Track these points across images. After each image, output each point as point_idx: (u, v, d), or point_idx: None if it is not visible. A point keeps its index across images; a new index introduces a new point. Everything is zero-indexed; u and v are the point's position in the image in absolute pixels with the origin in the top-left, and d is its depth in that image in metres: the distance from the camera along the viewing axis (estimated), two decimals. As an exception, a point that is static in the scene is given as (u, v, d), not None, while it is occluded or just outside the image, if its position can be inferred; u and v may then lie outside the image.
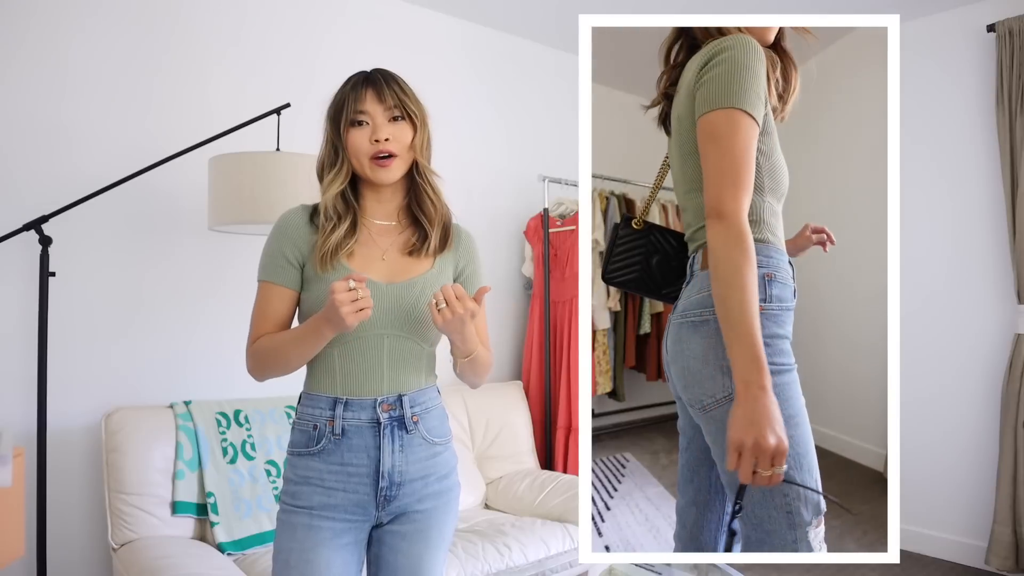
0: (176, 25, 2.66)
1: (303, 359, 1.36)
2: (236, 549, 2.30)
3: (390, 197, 1.44)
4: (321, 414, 1.37)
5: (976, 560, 3.23)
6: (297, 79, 2.91)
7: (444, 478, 1.45)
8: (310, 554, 1.34)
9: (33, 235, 2.22)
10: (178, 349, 2.64)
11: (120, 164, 2.48)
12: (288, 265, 1.39)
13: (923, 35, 3.43)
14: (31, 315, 2.32)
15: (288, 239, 1.40)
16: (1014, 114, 3.07)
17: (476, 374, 1.47)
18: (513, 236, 3.65)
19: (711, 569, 2.38)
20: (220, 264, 2.73)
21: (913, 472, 3.39)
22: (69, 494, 2.42)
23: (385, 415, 1.37)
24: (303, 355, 1.35)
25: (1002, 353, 3.20)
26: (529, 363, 3.50)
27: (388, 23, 3.21)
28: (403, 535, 1.41)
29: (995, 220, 3.24)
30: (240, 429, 2.48)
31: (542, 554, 2.51)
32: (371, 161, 1.37)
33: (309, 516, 1.36)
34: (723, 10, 3.26)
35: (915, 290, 3.43)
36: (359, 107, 1.37)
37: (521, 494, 2.93)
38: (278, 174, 2.20)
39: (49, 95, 2.42)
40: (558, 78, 3.83)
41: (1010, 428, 3.05)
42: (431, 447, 1.42)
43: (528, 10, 3.38)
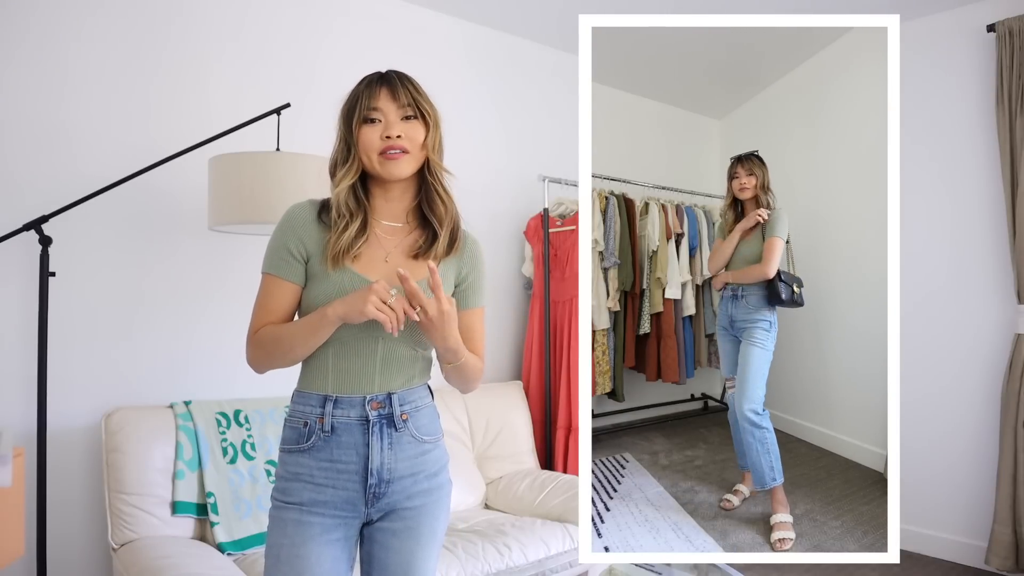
0: (176, 25, 2.66)
1: (307, 348, 1.36)
2: (236, 549, 2.30)
3: (399, 196, 1.43)
4: (311, 411, 1.38)
5: (976, 560, 3.23)
6: (297, 79, 2.91)
7: (434, 476, 1.45)
8: (300, 549, 1.35)
9: (33, 235, 2.22)
10: (178, 349, 2.64)
11: (120, 164, 2.48)
12: (292, 259, 1.39)
13: (923, 35, 3.43)
14: (31, 315, 2.32)
15: (293, 233, 1.40)
16: (1014, 114, 3.07)
17: (463, 380, 1.47)
18: (513, 236, 3.65)
19: (711, 569, 2.38)
20: (220, 264, 2.73)
21: (913, 472, 3.39)
22: (69, 494, 2.42)
23: (374, 412, 1.38)
24: (307, 343, 1.35)
25: (1002, 353, 3.20)
26: (529, 363, 3.50)
27: (388, 23, 3.21)
28: (393, 532, 1.42)
29: (995, 220, 3.24)
30: (240, 429, 2.48)
31: (542, 554, 2.51)
32: (380, 156, 1.36)
33: (299, 512, 1.37)
34: (723, 10, 3.26)
35: (915, 290, 3.43)
36: (372, 104, 1.37)
37: (521, 494, 2.93)
38: (278, 174, 2.20)
39: (49, 95, 2.42)
40: (558, 78, 3.83)
41: (1010, 428, 3.05)
42: (420, 445, 1.43)
43: (528, 10, 3.38)
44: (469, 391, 1.54)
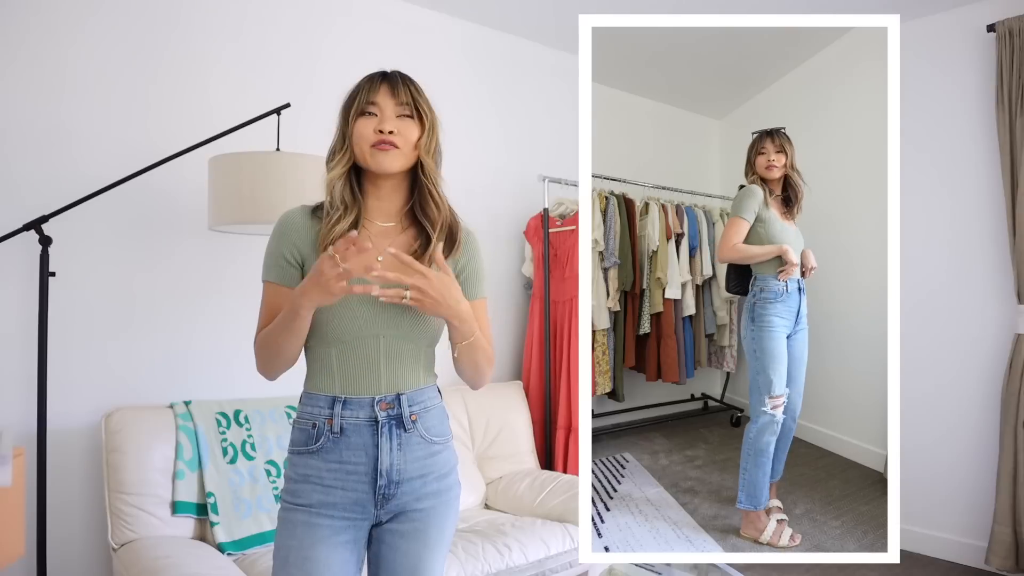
0: (176, 25, 2.66)
1: (291, 343, 1.34)
2: (236, 549, 2.30)
3: (388, 196, 1.43)
4: (320, 413, 1.38)
5: (976, 560, 3.23)
6: (297, 79, 2.91)
7: (443, 477, 1.45)
8: (309, 551, 1.35)
9: (33, 235, 2.22)
10: (178, 349, 2.64)
11: (120, 164, 2.48)
12: (287, 265, 1.40)
13: (923, 35, 3.43)
14: (31, 315, 2.32)
15: (286, 239, 1.40)
16: (1014, 114, 3.07)
17: (475, 365, 1.43)
18: (513, 236, 3.65)
19: (711, 569, 2.37)
20: (220, 264, 2.73)
21: (913, 472, 3.39)
22: (69, 494, 2.42)
23: (383, 413, 1.37)
24: (289, 339, 1.33)
25: (1002, 353, 3.20)
26: (529, 363, 3.50)
27: (388, 23, 3.21)
28: (402, 534, 1.42)
29: (995, 220, 3.24)
30: (240, 429, 2.48)
31: (542, 554, 2.51)
32: (372, 148, 1.37)
33: (308, 514, 1.37)
34: (723, 10, 3.26)
35: (915, 290, 3.43)
36: (371, 98, 1.38)
37: (521, 494, 2.93)
38: (278, 174, 2.20)
39: (49, 95, 2.42)
40: (557, 78, 3.83)
41: (1010, 428, 3.05)
42: (430, 446, 1.42)
43: (527, 10, 3.38)
44: (481, 383, 1.49)
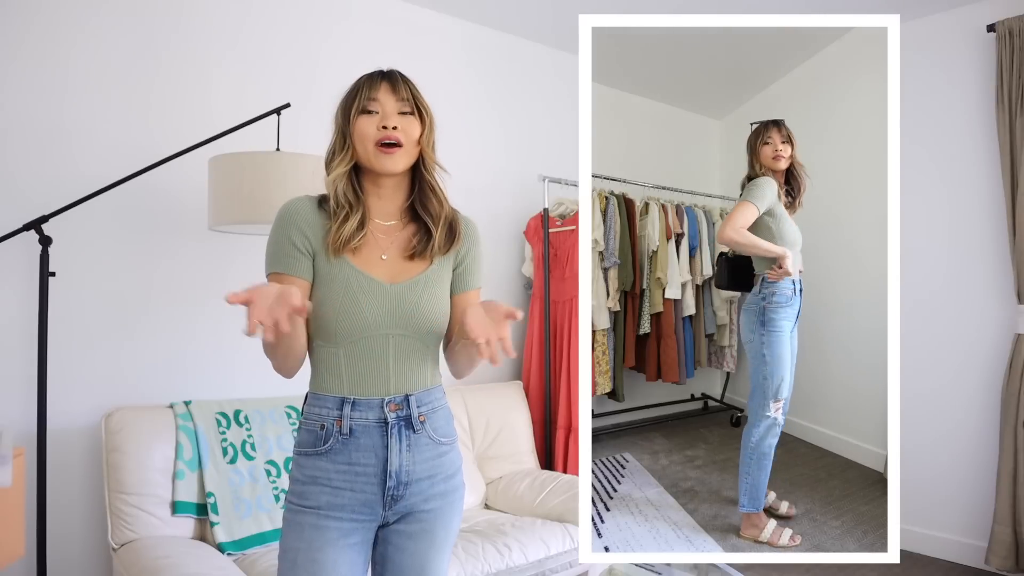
0: (177, 25, 2.66)
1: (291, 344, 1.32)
2: (236, 549, 2.30)
3: (390, 195, 1.43)
4: (329, 414, 1.37)
5: (976, 560, 3.23)
6: (297, 79, 2.91)
7: (450, 478, 1.45)
8: (317, 554, 1.34)
9: (33, 235, 2.22)
10: (178, 349, 2.64)
11: (120, 164, 2.48)
12: (298, 253, 1.36)
13: (923, 35, 3.43)
14: (31, 315, 2.32)
15: (295, 227, 1.37)
16: (1014, 114, 3.07)
17: (471, 358, 1.43)
18: (513, 236, 3.65)
19: (711, 569, 2.37)
20: (220, 264, 2.73)
21: (913, 472, 3.39)
22: (69, 494, 2.42)
23: (392, 415, 1.37)
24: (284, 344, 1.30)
25: (1002, 353, 3.20)
26: (529, 363, 3.50)
27: (388, 23, 3.21)
28: (409, 535, 1.41)
29: (995, 220, 3.24)
30: (240, 429, 2.48)
31: (542, 554, 2.51)
32: (376, 147, 1.36)
33: (316, 516, 1.35)
34: (723, 10, 3.26)
35: (915, 290, 3.43)
36: (372, 96, 1.37)
37: (521, 494, 2.93)
38: (278, 174, 2.20)
39: (49, 95, 2.42)
40: (557, 78, 3.83)
41: (1010, 428, 3.05)
42: (437, 447, 1.43)
43: (527, 10, 3.38)
44: (467, 374, 1.49)
